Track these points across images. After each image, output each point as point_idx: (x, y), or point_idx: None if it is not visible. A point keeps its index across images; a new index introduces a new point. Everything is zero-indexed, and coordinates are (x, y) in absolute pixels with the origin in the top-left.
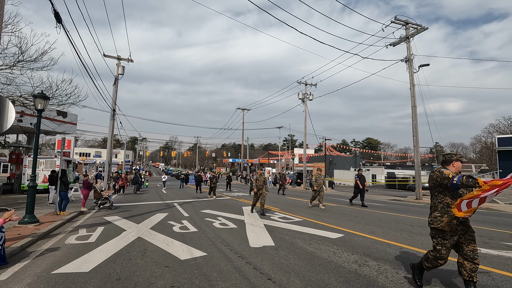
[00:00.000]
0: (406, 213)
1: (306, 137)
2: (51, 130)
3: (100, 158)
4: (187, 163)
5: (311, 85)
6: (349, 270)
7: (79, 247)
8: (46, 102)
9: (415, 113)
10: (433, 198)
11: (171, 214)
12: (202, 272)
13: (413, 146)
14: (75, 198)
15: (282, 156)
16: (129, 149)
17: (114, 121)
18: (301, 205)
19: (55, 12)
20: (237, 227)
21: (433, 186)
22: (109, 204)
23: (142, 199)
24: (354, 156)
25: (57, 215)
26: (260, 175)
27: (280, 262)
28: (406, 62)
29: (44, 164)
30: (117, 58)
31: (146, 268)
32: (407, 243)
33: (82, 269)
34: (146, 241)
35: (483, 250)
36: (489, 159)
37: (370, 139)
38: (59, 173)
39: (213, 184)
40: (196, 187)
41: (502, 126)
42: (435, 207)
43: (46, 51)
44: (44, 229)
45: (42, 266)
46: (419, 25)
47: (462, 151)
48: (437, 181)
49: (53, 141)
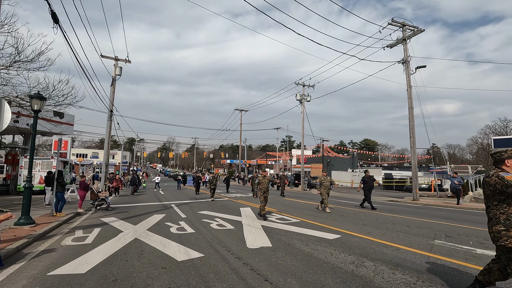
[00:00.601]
0: (403, 214)
1: (304, 138)
2: (47, 131)
3: (97, 159)
4: (184, 164)
5: (308, 86)
6: (346, 270)
7: (75, 248)
8: (42, 102)
9: (412, 114)
10: (492, 208)
11: (168, 215)
12: (199, 273)
13: (410, 147)
14: (71, 199)
15: (280, 157)
16: (127, 150)
17: (112, 122)
18: (299, 206)
19: (52, 13)
20: (234, 228)
21: (490, 193)
22: (106, 205)
23: (139, 200)
24: (352, 157)
25: (53, 216)
26: (264, 177)
27: (277, 263)
28: (403, 63)
29: (41, 165)
30: (115, 58)
31: (143, 270)
32: (403, 244)
33: (78, 270)
34: (143, 242)
35: (478, 251)
36: (485, 160)
37: (368, 140)
38: (55, 174)
39: (213, 185)
40: (196, 189)
41: (498, 127)
42: (496, 219)
43: (43, 52)
44: (40, 231)
45: (37, 267)
46: (415, 27)
47: (458, 153)
48: (497, 188)
49: (49, 142)
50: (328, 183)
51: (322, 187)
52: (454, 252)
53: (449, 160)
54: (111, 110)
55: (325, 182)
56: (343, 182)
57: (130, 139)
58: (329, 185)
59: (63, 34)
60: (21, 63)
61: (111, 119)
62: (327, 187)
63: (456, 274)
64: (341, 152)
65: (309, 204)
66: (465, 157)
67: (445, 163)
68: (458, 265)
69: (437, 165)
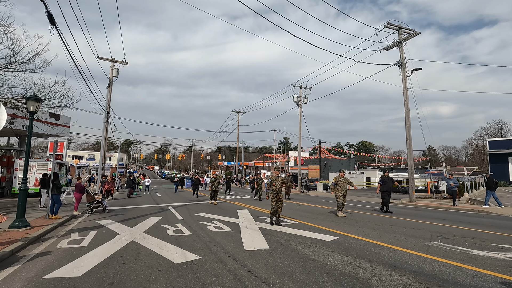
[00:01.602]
0: (400, 216)
1: (301, 140)
2: (43, 132)
3: (94, 161)
4: (182, 166)
5: (305, 88)
6: (343, 272)
7: (71, 251)
8: (38, 104)
9: (408, 116)
10: None
11: (165, 218)
12: (196, 276)
13: (407, 149)
14: (67, 201)
15: (277, 159)
16: (123, 152)
17: (108, 124)
18: (296, 207)
19: (48, 14)
20: (231, 230)
21: None
22: (102, 207)
23: (135, 203)
24: (349, 159)
25: (49, 219)
26: (278, 177)
27: (275, 265)
28: (399, 66)
29: (36, 167)
30: (111, 60)
31: (140, 272)
32: (400, 245)
33: (74, 273)
34: (139, 244)
35: (474, 252)
36: (480, 162)
37: (365, 142)
38: (51, 176)
39: (215, 187)
40: (193, 191)
41: (493, 129)
42: None
43: (39, 53)
44: (35, 233)
45: (33, 271)
46: (411, 30)
47: (454, 154)
48: None
49: (45, 144)
50: (346, 184)
51: (338, 188)
52: (450, 253)
53: (445, 161)
54: (108, 112)
55: (342, 183)
56: None
57: (127, 141)
58: (346, 187)
59: (60, 35)
60: (17, 65)
61: (107, 121)
62: (343, 189)
63: (452, 275)
64: (338, 154)
65: (306, 206)
66: (461, 159)
67: (441, 164)
68: (454, 266)
69: (433, 167)
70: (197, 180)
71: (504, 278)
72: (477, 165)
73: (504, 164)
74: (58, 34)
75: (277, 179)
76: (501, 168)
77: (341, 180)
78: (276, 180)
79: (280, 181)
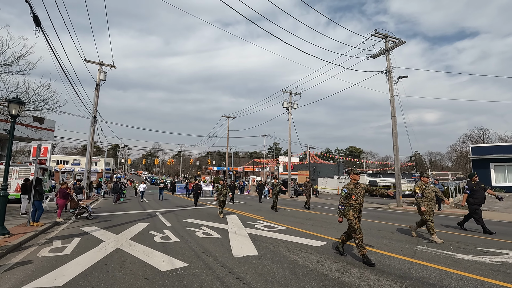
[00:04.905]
0: (387, 220)
1: (291, 145)
2: (26, 136)
3: (79, 166)
4: (170, 171)
5: (295, 94)
6: (331, 278)
7: (52, 260)
8: (21, 107)
9: (395, 122)
10: None
11: (153, 224)
12: (183, 284)
13: (394, 155)
14: (50, 208)
15: (267, 164)
16: (110, 156)
17: (95, 128)
18: (285, 213)
19: (34, 15)
20: (220, 236)
21: None
22: (87, 214)
23: (122, 209)
24: (338, 164)
25: (30, 226)
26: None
27: (263, 271)
28: (386, 73)
29: (18, 172)
30: (99, 63)
31: (124, 281)
32: (388, 250)
33: (55, 283)
34: (125, 252)
35: (459, 256)
36: (464, 167)
37: (353, 148)
38: (33, 181)
39: (223, 196)
40: (194, 200)
41: (476, 136)
42: None
43: (23, 55)
44: (15, 241)
45: (11, 281)
46: (397, 38)
47: (439, 160)
48: None
49: (28, 148)
50: (433, 194)
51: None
52: (436, 258)
53: (431, 167)
54: (95, 115)
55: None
56: (329, 189)
57: (114, 145)
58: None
59: (45, 37)
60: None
61: (94, 125)
62: (432, 201)
63: (438, 279)
64: (327, 159)
65: (295, 211)
66: (446, 164)
67: (427, 170)
68: (440, 270)
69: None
70: (198, 187)
71: (487, 281)
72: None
73: (486, 169)
74: (44, 36)
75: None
76: (483, 173)
77: (427, 189)
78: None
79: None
